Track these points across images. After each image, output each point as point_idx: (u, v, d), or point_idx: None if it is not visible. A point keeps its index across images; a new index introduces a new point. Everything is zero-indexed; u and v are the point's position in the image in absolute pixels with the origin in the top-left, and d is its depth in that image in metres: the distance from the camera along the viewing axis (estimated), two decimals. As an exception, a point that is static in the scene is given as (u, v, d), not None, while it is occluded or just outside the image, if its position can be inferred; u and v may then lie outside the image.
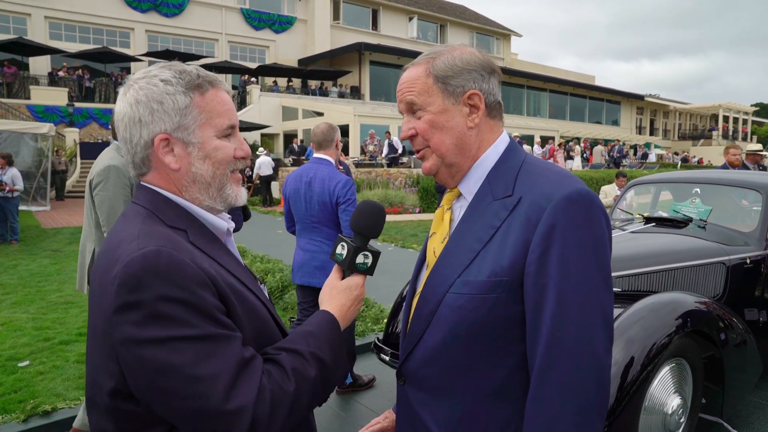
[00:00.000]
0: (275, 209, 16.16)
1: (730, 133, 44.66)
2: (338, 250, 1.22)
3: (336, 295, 1.17)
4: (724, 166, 6.75)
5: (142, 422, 0.94)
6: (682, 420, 2.67)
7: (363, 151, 20.68)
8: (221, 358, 0.89)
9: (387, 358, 3.23)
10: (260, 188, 18.16)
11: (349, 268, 1.20)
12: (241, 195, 1.13)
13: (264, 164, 17.71)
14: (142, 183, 1.09)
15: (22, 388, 3.73)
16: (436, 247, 1.21)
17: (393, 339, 3.35)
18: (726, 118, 45.75)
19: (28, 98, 22.74)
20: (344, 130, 23.55)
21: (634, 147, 33.13)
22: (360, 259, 1.20)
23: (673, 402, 2.62)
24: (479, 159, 1.17)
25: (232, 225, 1.16)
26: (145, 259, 0.89)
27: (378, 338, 3.48)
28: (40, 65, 26.15)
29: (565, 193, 1.03)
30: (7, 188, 9.58)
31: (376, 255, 1.22)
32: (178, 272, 0.90)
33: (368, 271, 1.22)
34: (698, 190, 4.01)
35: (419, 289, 1.21)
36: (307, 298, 3.70)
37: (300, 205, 3.55)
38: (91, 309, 1.00)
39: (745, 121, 48.11)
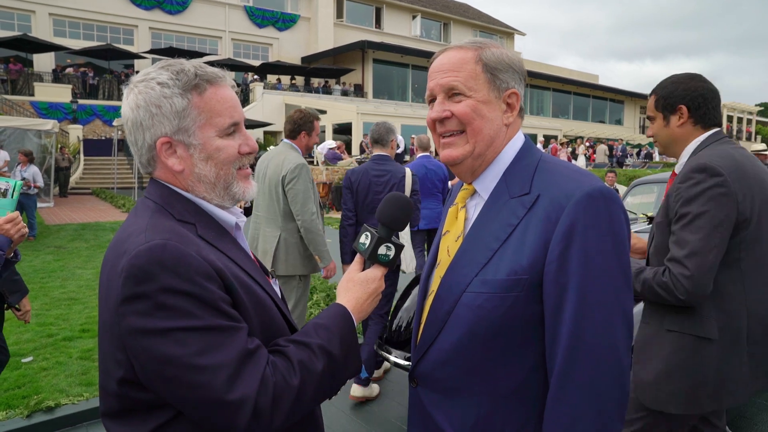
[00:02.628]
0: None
1: (734, 133, 44.49)
2: (362, 239, 1.21)
3: (352, 288, 1.17)
4: None
5: (150, 405, 0.96)
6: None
7: (363, 150, 20.66)
8: (225, 349, 0.91)
9: (398, 360, 3.13)
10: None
11: (370, 258, 1.19)
12: (249, 190, 1.12)
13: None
14: (153, 178, 1.11)
15: (25, 384, 3.74)
16: (450, 245, 1.18)
17: (396, 337, 3.34)
18: (730, 118, 45.55)
19: (32, 95, 22.82)
20: (347, 129, 23.56)
21: (638, 146, 33.03)
22: (383, 250, 1.19)
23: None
24: (497, 157, 1.15)
25: (243, 219, 1.16)
26: (151, 252, 0.91)
27: (380, 337, 3.47)
28: (44, 62, 26.23)
29: (585, 191, 1.01)
30: (33, 185, 9.73)
31: (399, 248, 1.20)
32: (183, 264, 0.91)
33: (389, 263, 1.20)
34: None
35: (433, 288, 1.18)
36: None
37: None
38: (101, 300, 1.01)
39: (749, 121, 47.93)
